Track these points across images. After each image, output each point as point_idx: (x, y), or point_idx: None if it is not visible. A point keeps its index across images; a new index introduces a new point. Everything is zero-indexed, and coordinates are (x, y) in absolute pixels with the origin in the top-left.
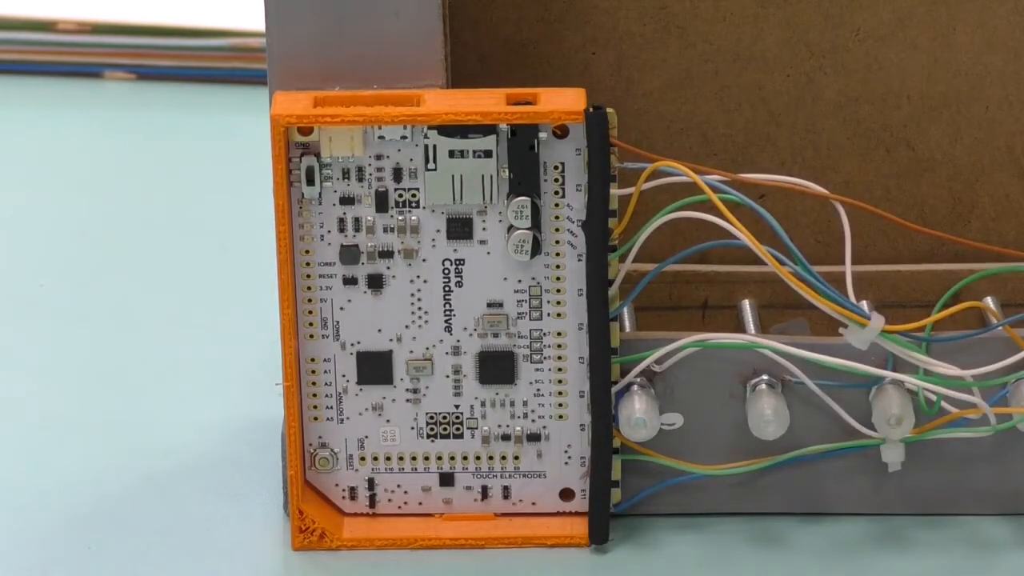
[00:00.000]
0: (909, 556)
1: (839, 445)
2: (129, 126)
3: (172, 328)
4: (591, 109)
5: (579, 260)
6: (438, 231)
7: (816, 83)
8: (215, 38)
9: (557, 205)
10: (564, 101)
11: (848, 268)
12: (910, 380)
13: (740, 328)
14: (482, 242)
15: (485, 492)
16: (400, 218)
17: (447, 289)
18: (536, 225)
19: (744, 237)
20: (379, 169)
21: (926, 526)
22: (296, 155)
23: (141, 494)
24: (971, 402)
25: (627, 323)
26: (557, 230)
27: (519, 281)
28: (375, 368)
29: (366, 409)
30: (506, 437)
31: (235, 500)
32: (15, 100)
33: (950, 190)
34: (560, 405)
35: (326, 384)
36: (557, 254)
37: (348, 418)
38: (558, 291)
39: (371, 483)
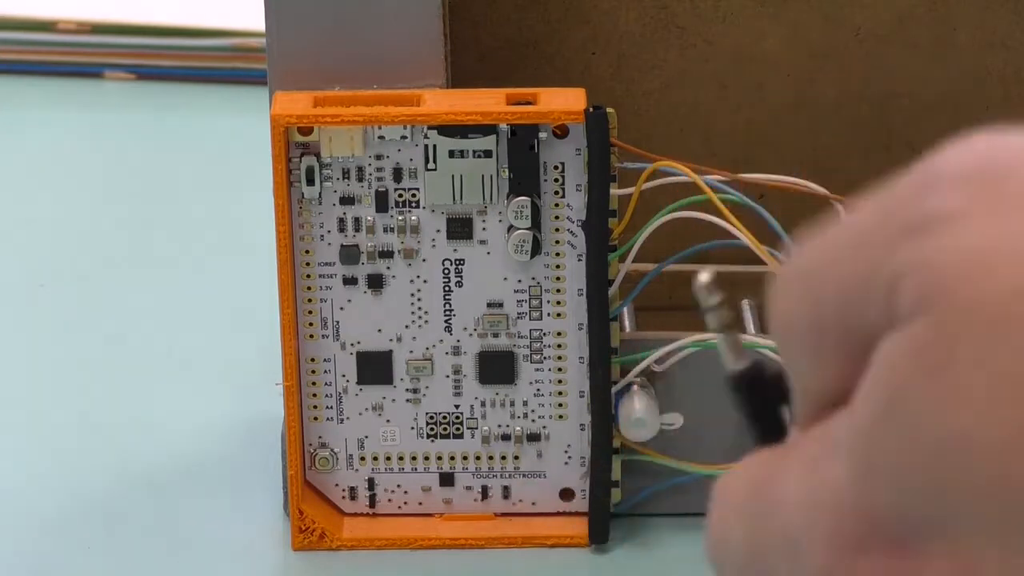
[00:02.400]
0: None
1: None
2: (129, 126)
3: (172, 328)
4: (591, 109)
5: (579, 260)
6: (438, 231)
7: (816, 83)
8: (215, 38)
9: (557, 205)
10: (564, 101)
11: None
12: None
13: (740, 328)
14: (482, 242)
15: (485, 492)
16: (400, 218)
17: (447, 289)
18: (536, 225)
19: (744, 237)
20: (379, 169)
21: None
22: (296, 155)
23: (141, 494)
24: None
25: (627, 323)
26: (557, 230)
27: (519, 281)
28: (375, 368)
29: (366, 409)
30: (506, 437)
31: (235, 500)
32: (15, 100)
33: None
34: (560, 405)
35: (326, 384)
36: (557, 254)
37: (348, 418)
38: (558, 291)
39: (371, 483)
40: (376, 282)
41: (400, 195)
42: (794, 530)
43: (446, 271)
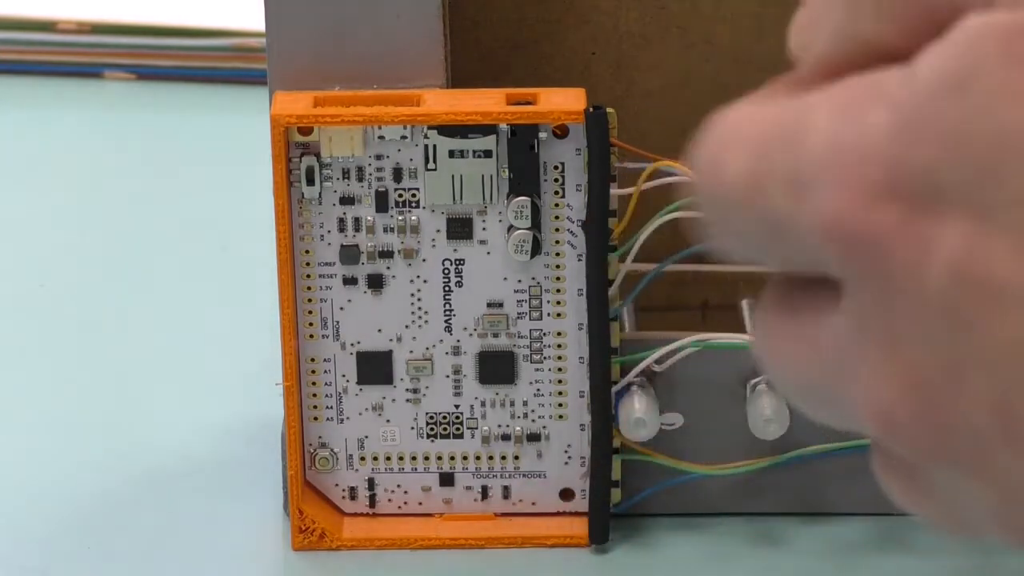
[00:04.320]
0: (909, 556)
1: (839, 445)
2: (129, 126)
3: (172, 328)
4: (591, 109)
5: (579, 260)
6: (438, 231)
7: None
8: (215, 38)
9: (557, 205)
10: (564, 101)
11: None
12: None
13: (740, 328)
14: (482, 242)
15: (485, 492)
16: (400, 218)
17: (447, 289)
18: (536, 225)
19: None
20: (379, 169)
21: (926, 526)
22: (296, 155)
23: (141, 494)
24: None
25: (627, 323)
26: (557, 230)
27: (519, 281)
28: (375, 368)
29: (366, 409)
30: (506, 437)
31: (235, 500)
32: (15, 100)
33: None
34: (560, 405)
35: (326, 384)
36: (557, 254)
37: (348, 418)
38: (558, 291)
39: (371, 483)
40: (376, 282)
41: (400, 195)
42: (811, 167)
43: (446, 271)
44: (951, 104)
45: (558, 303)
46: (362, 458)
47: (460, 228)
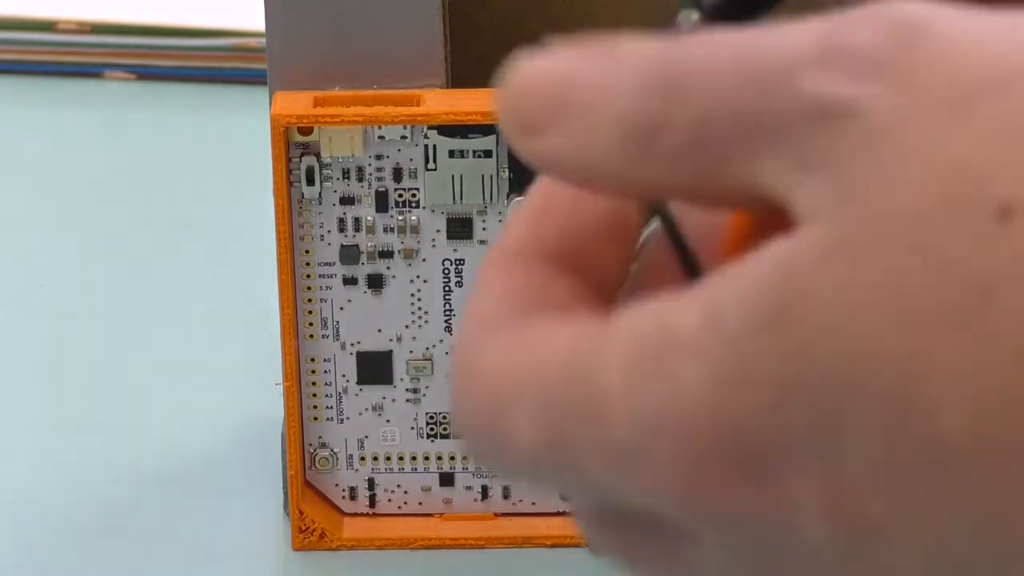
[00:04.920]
0: None
1: None
2: (129, 126)
3: (172, 328)
4: None
5: None
6: (438, 231)
7: None
8: (215, 38)
9: None
10: None
11: None
12: None
13: None
14: (482, 242)
15: (485, 492)
16: (400, 218)
17: (447, 289)
18: None
19: None
20: (379, 169)
21: None
22: (296, 155)
23: (141, 494)
24: None
25: None
26: None
27: None
28: (375, 368)
29: (366, 409)
30: None
31: (235, 500)
32: (15, 100)
33: None
34: None
35: (326, 384)
36: None
37: (348, 418)
38: None
39: (371, 483)
40: (376, 282)
41: (400, 195)
42: (626, 441)
43: (446, 271)
44: (769, 344)
45: None
46: (362, 458)
47: (460, 228)
